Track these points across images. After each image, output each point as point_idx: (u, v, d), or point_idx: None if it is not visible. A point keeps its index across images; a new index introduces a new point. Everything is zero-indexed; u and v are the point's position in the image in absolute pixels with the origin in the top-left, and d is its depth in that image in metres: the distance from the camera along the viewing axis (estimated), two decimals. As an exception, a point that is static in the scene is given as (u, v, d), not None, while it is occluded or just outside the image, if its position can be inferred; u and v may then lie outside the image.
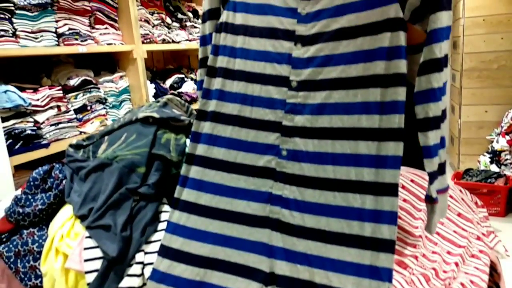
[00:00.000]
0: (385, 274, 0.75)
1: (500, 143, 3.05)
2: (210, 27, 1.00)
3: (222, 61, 0.94)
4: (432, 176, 0.81)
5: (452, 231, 1.05)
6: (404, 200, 1.06)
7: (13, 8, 1.74)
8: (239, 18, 0.93)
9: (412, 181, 1.12)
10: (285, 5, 0.89)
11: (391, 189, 0.78)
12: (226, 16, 0.95)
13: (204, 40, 1.02)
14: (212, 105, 0.94)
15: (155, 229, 1.00)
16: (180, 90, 2.85)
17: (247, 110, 0.90)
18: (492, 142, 3.20)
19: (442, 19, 0.77)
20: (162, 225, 1.01)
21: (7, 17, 1.72)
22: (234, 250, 0.86)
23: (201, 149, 0.93)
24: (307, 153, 0.84)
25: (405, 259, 0.95)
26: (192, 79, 3.02)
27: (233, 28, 0.94)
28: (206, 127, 0.94)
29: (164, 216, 1.02)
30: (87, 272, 0.94)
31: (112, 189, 1.01)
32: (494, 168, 3.07)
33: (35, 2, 1.81)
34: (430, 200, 0.84)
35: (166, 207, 1.05)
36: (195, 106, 2.89)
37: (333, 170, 0.81)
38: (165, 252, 0.91)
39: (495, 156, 3.09)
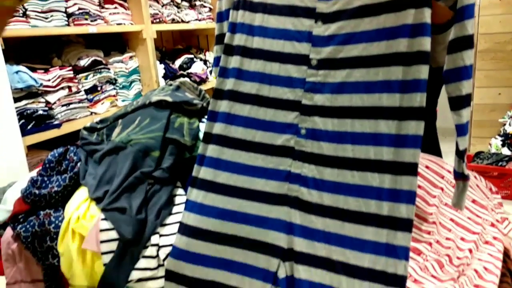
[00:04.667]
0: (402, 252, 0.75)
1: (513, 126, 3.01)
2: (227, 3, 0.98)
3: (239, 39, 0.92)
4: (464, 153, 0.81)
5: (467, 218, 1.04)
6: (419, 187, 1.06)
7: (22, -13, 1.72)
8: None
9: (427, 167, 1.11)
10: None
11: (411, 168, 0.77)
12: None
13: (221, 16, 1.00)
14: (230, 84, 0.92)
15: (169, 212, 1.00)
16: (189, 71, 2.83)
17: (266, 89, 0.89)
18: (505, 125, 3.16)
19: None
20: (176, 208, 1.01)
21: (17, -4, 1.71)
22: (253, 227, 0.87)
23: (219, 128, 0.92)
24: (326, 132, 0.83)
25: (419, 245, 0.95)
26: (201, 59, 2.99)
27: (251, 5, 0.92)
28: (223, 105, 0.93)
29: (178, 200, 1.03)
30: (103, 253, 0.96)
31: (127, 173, 1.01)
32: (505, 151, 3.03)
33: (45, -20, 1.79)
34: (463, 177, 0.83)
35: (180, 191, 1.05)
36: (204, 87, 2.89)
37: (352, 149, 0.81)
38: (184, 229, 0.92)
39: (507, 139, 3.05)
